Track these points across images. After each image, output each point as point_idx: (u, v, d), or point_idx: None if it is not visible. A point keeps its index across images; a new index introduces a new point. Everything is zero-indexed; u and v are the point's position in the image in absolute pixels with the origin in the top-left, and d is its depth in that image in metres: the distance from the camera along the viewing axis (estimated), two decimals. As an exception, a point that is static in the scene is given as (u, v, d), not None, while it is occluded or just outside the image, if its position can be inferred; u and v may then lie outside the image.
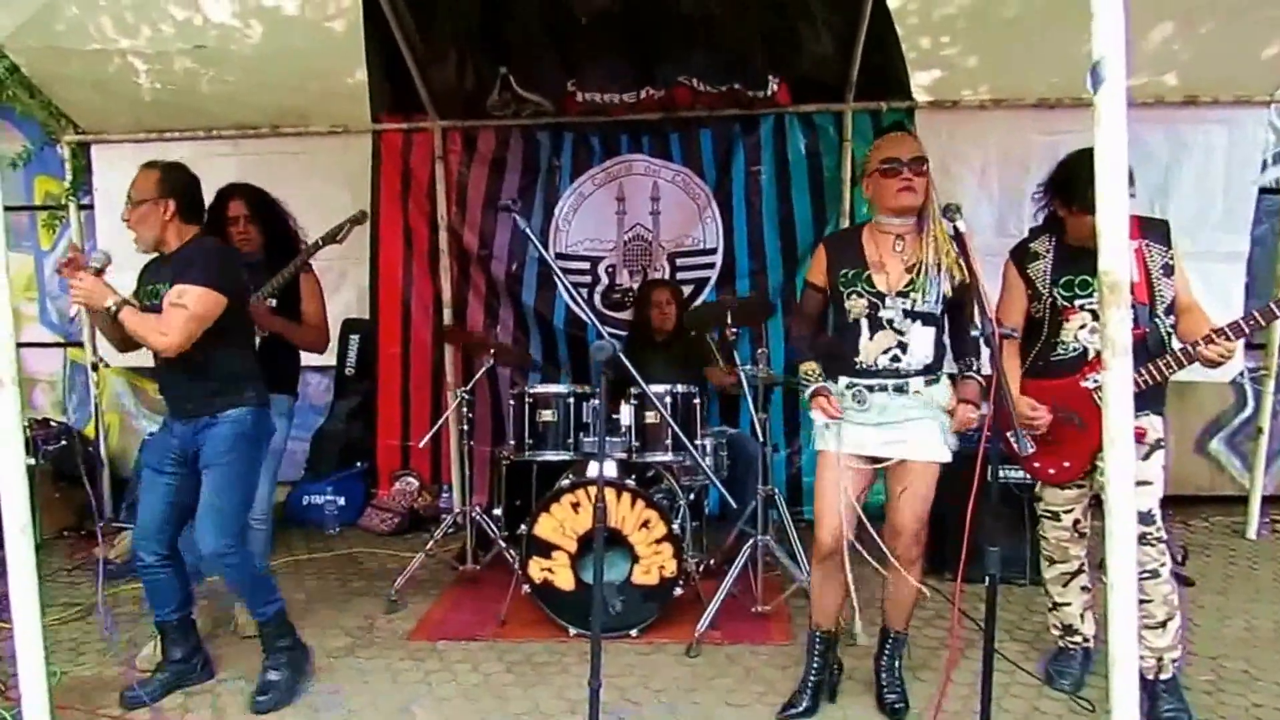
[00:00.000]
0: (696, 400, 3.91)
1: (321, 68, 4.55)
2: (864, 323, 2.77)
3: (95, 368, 5.40)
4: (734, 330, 3.86)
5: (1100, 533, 2.02)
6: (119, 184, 5.09)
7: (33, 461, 3.74)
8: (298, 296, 3.68)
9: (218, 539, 2.96)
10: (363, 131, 5.07)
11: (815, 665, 2.97)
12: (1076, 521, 3.05)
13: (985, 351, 2.59)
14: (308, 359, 3.92)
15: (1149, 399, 2.74)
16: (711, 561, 4.14)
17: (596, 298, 5.21)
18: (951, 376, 2.83)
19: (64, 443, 5.29)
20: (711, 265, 5.14)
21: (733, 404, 4.89)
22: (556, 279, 4.86)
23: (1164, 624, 2.78)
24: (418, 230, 5.20)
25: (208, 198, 3.67)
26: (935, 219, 2.73)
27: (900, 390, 2.74)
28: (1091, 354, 2.85)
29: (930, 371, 2.75)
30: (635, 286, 5.14)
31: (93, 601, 4.08)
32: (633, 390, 3.86)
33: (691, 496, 4.11)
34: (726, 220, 5.09)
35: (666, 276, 5.10)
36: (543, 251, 2.60)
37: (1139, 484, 2.66)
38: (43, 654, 2.10)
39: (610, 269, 5.21)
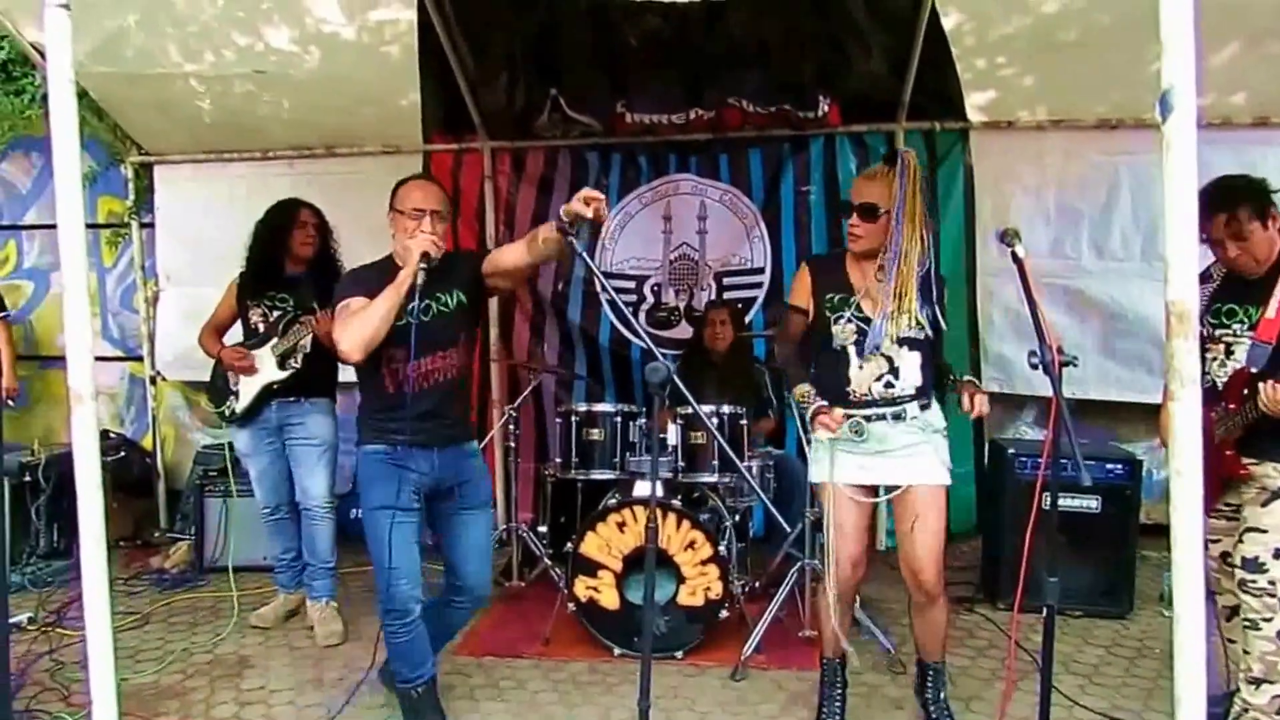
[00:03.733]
0: (744, 421, 3.95)
1: (376, 91, 4.69)
2: (851, 350, 2.77)
3: (154, 381, 5.61)
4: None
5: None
6: (179, 202, 5.45)
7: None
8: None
9: (487, 575, 3.01)
10: (414, 152, 5.20)
11: (838, 694, 3.00)
12: (1225, 554, 2.88)
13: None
14: (354, 372, 4.08)
15: (1268, 444, 2.64)
16: (757, 584, 4.16)
17: (641, 316, 5.26)
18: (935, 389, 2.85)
19: (122, 454, 5.47)
20: (759, 284, 5.18)
21: (780, 429, 4.91)
22: (605, 300, 4.98)
23: (1259, 683, 2.67)
24: (467, 247, 5.33)
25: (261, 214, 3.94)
26: (903, 259, 2.69)
27: (898, 418, 2.75)
28: (1221, 386, 2.75)
29: (923, 395, 2.77)
30: (681, 305, 5.21)
31: (149, 610, 4.24)
32: (680, 409, 3.92)
33: (737, 518, 4.14)
34: (774, 239, 5.13)
35: (713, 295, 5.15)
36: (599, 278, 2.72)
37: (1248, 530, 2.67)
38: (113, 663, 2.21)
39: (656, 288, 5.28)
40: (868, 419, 2.76)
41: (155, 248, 5.56)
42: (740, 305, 4.95)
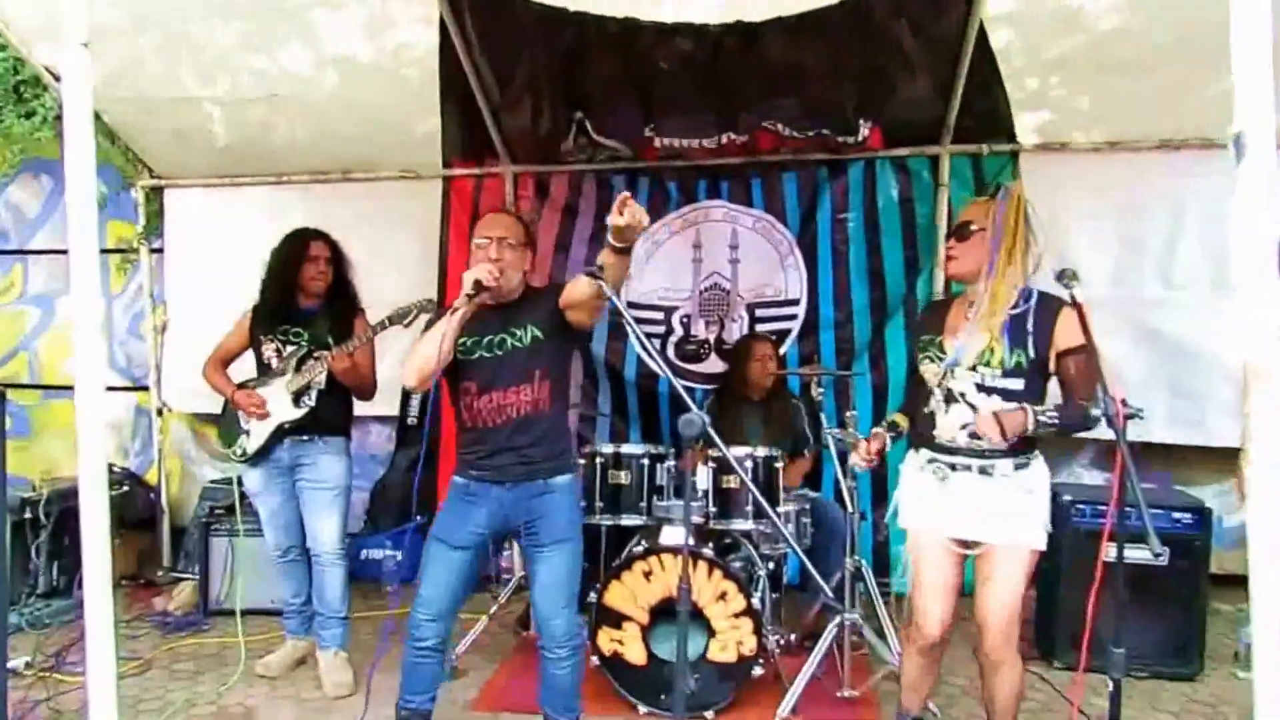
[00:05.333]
0: (779, 464, 3.91)
1: (394, 115, 4.75)
2: (937, 393, 2.78)
3: (160, 412, 5.66)
4: (820, 390, 3.88)
5: None
6: (190, 227, 5.52)
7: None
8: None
9: (573, 619, 3.01)
10: (433, 177, 5.26)
11: None
12: None
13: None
14: (367, 408, 4.14)
15: None
16: (793, 638, 4.10)
17: (670, 348, 5.27)
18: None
19: (126, 488, 5.51)
20: (793, 316, 5.16)
21: (815, 467, 4.87)
22: (630, 332, 4.96)
23: None
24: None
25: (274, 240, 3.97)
26: (996, 287, 2.68)
27: (985, 473, 2.70)
28: None
29: (1019, 454, 2.70)
30: (711, 338, 5.20)
31: (152, 656, 4.25)
32: (711, 451, 3.89)
33: (771, 566, 4.10)
34: (810, 269, 5.11)
35: (745, 328, 5.14)
36: (628, 319, 2.65)
37: None
38: (116, 715, 2.20)
39: (685, 319, 5.27)
40: (951, 467, 2.73)
41: (165, 274, 5.65)
42: (775, 338, 4.91)
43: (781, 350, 5.05)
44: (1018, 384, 2.66)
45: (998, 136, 4.75)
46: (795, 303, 5.15)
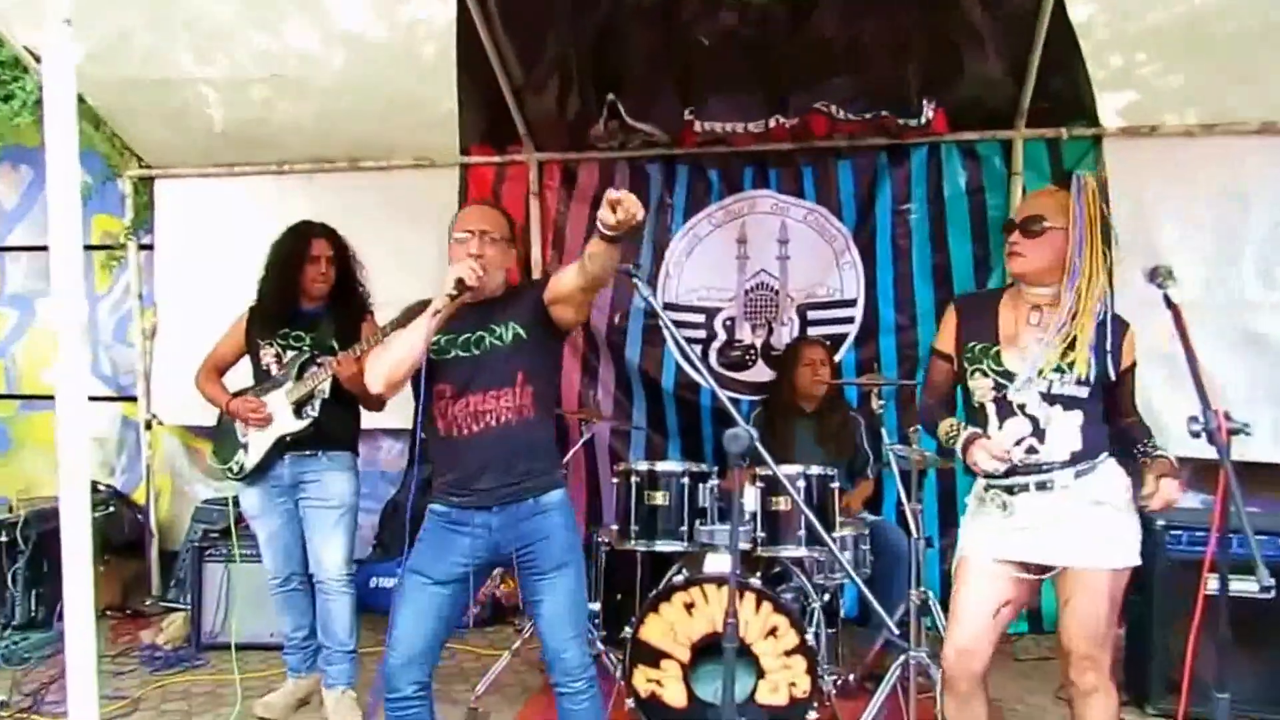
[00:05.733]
0: (835, 484, 3.91)
1: (408, 97, 4.81)
2: (990, 408, 2.78)
3: (149, 425, 5.74)
4: (880, 402, 3.87)
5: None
6: (183, 221, 5.60)
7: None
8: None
9: (584, 649, 3.00)
10: (449, 165, 5.33)
11: None
12: None
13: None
14: (377, 420, 4.17)
15: None
16: (851, 678, 4.09)
17: (712, 355, 5.29)
18: (1120, 457, 2.77)
19: (111, 509, 5.59)
20: (850, 319, 5.16)
21: (876, 487, 4.86)
22: (670, 338, 4.99)
23: None
24: (509, 276, 5.38)
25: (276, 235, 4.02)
26: (1085, 289, 2.68)
27: (1043, 487, 2.71)
28: None
29: (1080, 460, 2.71)
30: (758, 343, 5.21)
31: (140, 695, 4.30)
32: (760, 470, 3.89)
33: (826, 598, 4.08)
34: (868, 267, 5.12)
35: (796, 331, 5.16)
36: (665, 321, 2.67)
37: None
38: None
39: (729, 322, 5.29)
40: (1010, 491, 2.75)
41: (155, 272, 5.73)
42: (829, 343, 4.92)
43: (837, 357, 5.04)
44: (1083, 392, 2.69)
45: (1077, 119, 4.75)
46: (851, 304, 5.15)
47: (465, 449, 2.90)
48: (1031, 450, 2.71)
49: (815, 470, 3.90)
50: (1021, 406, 2.72)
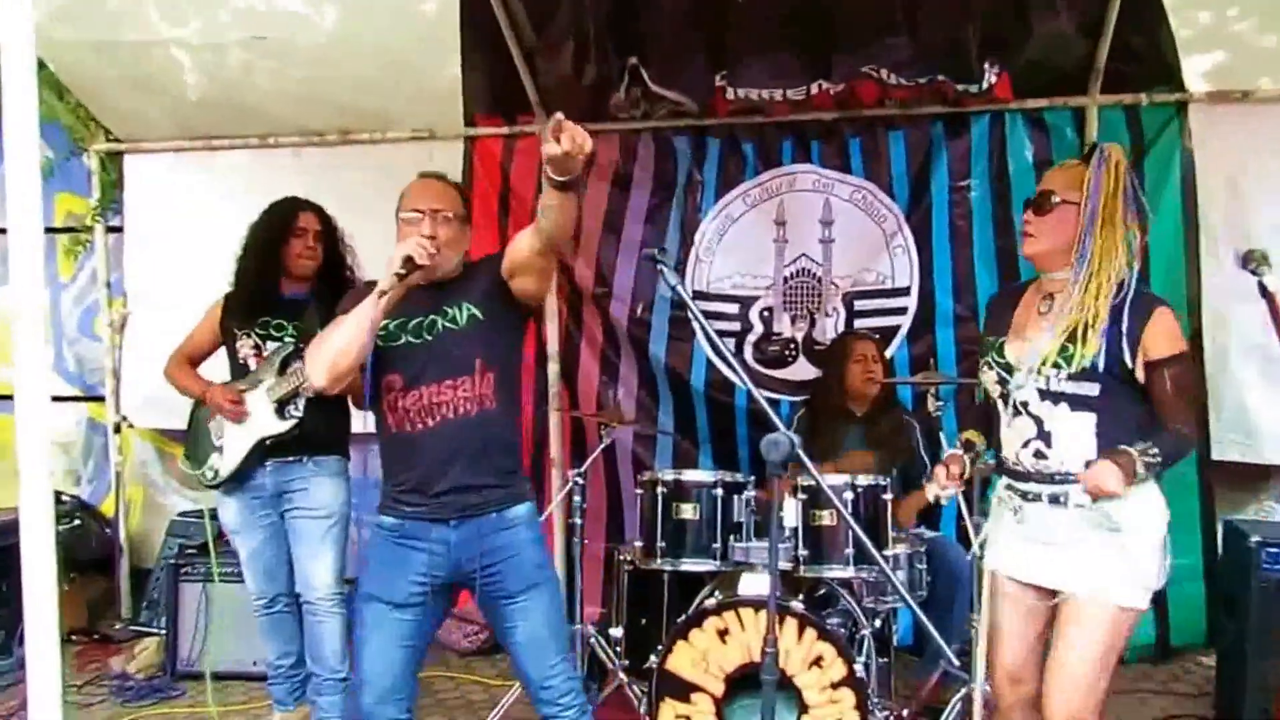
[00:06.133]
0: (887, 495, 3.88)
1: (406, 61, 4.83)
2: (999, 405, 2.81)
3: (118, 429, 5.77)
4: (939, 403, 3.85)
5: None
6: (156, 201, 5.61)
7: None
8: None
9: (570, 672, 3.00)
10: (453, 138, 5.32)
11: None
12: None
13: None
14: (372, 420, 4.13)
15: None
16: (906, 713, 4.07)
17: (747, 350, 5.28)
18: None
19: (77, 522, 5.64)
20: (902, 310, 5.14)
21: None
22: (699, 331, 4.98)
23: None
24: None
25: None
26: (1096, 272, 2.63)
27: (1056, 502, 2.69)
28: None
29: None
30: (799, 336, 5.19)
31: (110, 728, 4.34)
32: (802, 480, 3.87)
33: (878, 623, 4.06)
34: (923, 251, 5.10)
35: (842, 324, 5.14)
36: (695, 314, 2.64)
37: None
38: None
39: (766, 313, 5.28)
40: (1024, 495, 2.75)
41: (124, 258, 5.76)
42: (878, 337, 4.89)
43: (888, 352, 5.00)
44: (1091, 389, 2.65)
45: (1159, 83, 4.72)
46: (904, 292, 5.13)
47: (418, 447, 2.87)
48: (1039, 455, 2.71)
49: (865, 480, 3.89)
50: (1024, 404, 2.73)
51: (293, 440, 3.89)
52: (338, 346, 2.82)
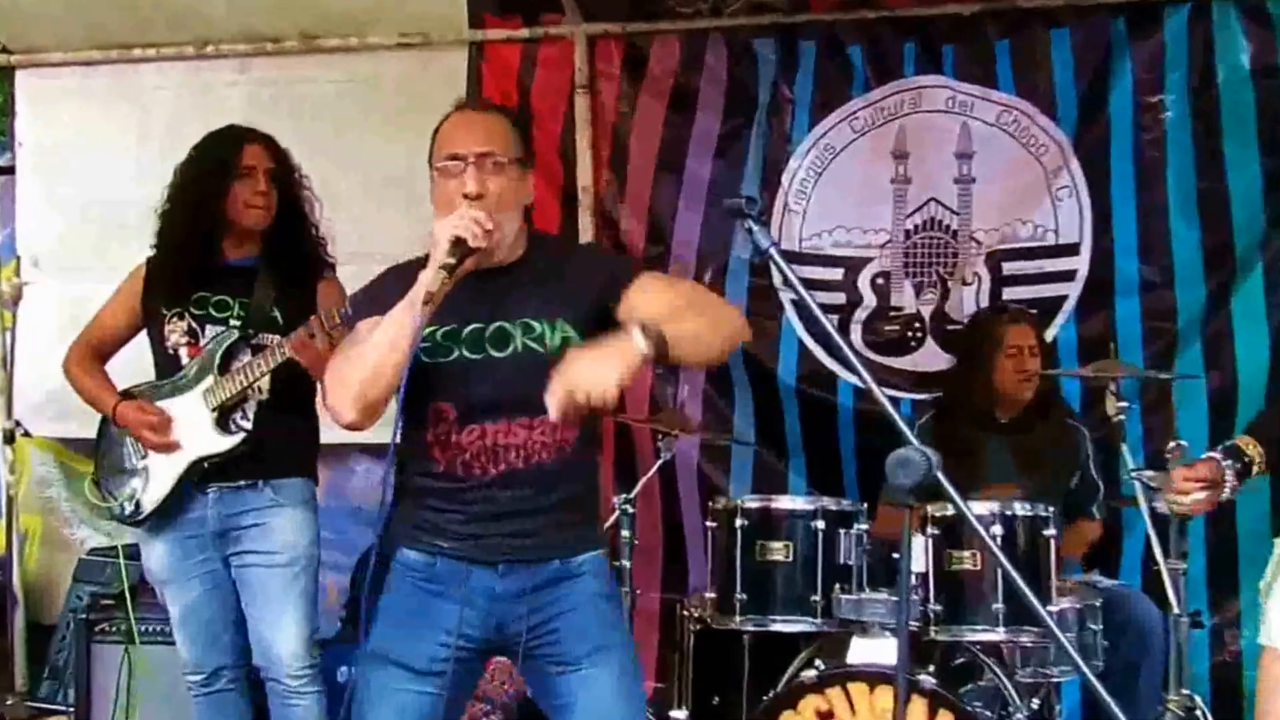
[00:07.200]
0: (1050, 531, 3.85)
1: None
2: None
3: (9, 439, 5.81)
4: (1121, 404, 3.81)
5: None
6: (56, 131, 5.65)
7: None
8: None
9: None
10: (453, 44, 5.33)
11: None
12: None
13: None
14: (346, 433, 4.13)
15: None
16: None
17: (854, 330, 5.26)
18: None
19: (-46, 564, 5.70)
20: (1069, 274, 5.12)
21: (1107, 533, 4.81)
22: (790, 302, 4.95)
23: None
24: (544, 209, 5.36)
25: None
26: None
27: None
28: None
29: None
30: (926, 312, 5.18)
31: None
32: (933, 509, 3.84)
33: (1036, 704, 4.07)
34: (1098, 194, 5.07)
35: (986, 296, 5.13)
36: (795, 284, 2.56)
37: None
38: None
39: (880, 280, 5.27)
40: None
41: (15, 209, 5.82)
42: (1036, 313, 4.88)
43: (1049, 333, 5.00)
44: None
45: None
46: (1072, 251, 5.10)
47: (471, 497, 2.80)
48: None
49: (1021, 509, 3.87)
50: None
51: (241, 460, 3.84)
52: (368, 370, 2.65)
